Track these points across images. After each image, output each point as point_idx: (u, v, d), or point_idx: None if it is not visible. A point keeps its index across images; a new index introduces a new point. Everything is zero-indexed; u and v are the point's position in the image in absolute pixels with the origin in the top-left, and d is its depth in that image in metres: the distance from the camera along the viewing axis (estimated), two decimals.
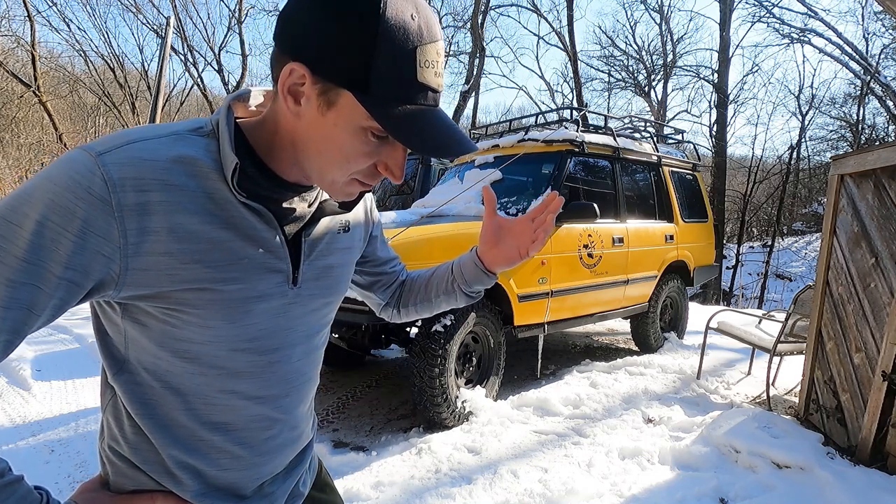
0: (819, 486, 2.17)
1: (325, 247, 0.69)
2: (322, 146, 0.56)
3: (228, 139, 0.56)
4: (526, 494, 2.15)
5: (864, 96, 15.21)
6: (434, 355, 2.70)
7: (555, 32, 17.38)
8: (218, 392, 0.62)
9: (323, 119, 0.54)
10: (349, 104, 0.53)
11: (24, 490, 0.50)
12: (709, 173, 13.22)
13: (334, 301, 0.73)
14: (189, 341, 0.58)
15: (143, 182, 0.50)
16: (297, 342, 0.67)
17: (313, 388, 0.76)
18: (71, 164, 0.49)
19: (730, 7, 13.29)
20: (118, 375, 0.60)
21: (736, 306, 11.62)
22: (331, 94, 0.53)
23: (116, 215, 0.49)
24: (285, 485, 0.72)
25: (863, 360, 2.48)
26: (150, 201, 0.51)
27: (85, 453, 2.50)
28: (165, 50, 7.52)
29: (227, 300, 0.57)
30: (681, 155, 4.99)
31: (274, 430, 0.68)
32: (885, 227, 2.42)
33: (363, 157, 0.56)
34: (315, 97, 0.54)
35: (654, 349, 4.44)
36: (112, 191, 0.48)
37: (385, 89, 0.52)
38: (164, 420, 0.61)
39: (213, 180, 0.55)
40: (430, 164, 5.71)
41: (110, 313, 0.58)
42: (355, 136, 0.54)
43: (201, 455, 0.63)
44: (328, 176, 0.58)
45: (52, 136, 15.25)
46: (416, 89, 0.53)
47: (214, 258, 0.55)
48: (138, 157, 0.51)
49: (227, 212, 0.56)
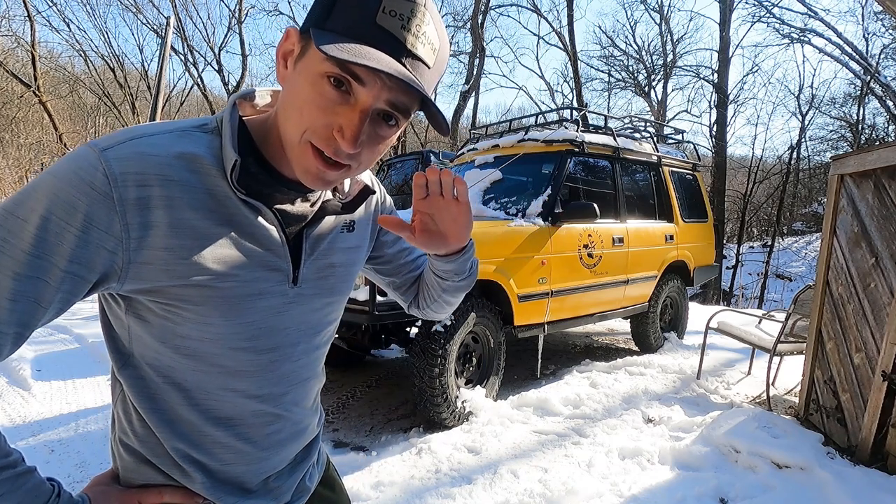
0: (819, 486, 2.17)
1: (327, 246, 0.68)
2: (288, 101, 0.55)
3: (231, 136, 0.56)
4: (526, 494, 2.15)
5: (864, 96, 15.20)
6: (434, 355, 2.70)
7: (555, 32, 17.38)
8: (219, 389, 0.62)
9: (294, 72, 0.54)
10: (313, 50, 0.52)
11: (36, 481, 0.51)
12: (709, 173, 13.23)
13: (337, 300, 0.72)
14: (188, 338, 0.58)
15: (144, 177, 0.51)
16: (298, 341, 0.67)
17: (317, 385, 0.75)
18: (75, 160, 0.50)
19: (730, 7, 13.29)
20: (123, 370, 0.61)
21: (736, 306, 11.62)
22: (306, 45, 0.53)
23: (118, 209, 0.49)
24: (291, 479, 0.73)
25: (863, 360, 2.48)
26: (151, 196, 0.51)
27: (85, 453, 2.50)
28: (165, 50, 7.52)
29: (225, 297, 0.57)
30: (681, 155, 4.98)
31: (277, 425, 0.68)
32: (885, 227, 2.42)
33: (316, 110, 0.52)
34: (297, 55, 0.54)
35: (654, 349, 4.44)
36: (114, 185, 0.49)
37: (340, 25, 0.51)
38: (167, 414, 0.61)
39: (214, 177, 0.55)
40: (430, 164, 5.71)
41: (115, 308, 0.59)
42: (312, 86, 0.52)
43: (204, 449, 0.63)
44: (288, 135, 0.55)
45: (52, 136, 15.26)
46: (372, 31, 0.50)
47: (213, 255, 0.56)
48: (140, 153, 0.51)
49: (227, 209, 0.56)
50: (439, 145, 18.30)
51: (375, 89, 0.52)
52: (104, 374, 3.66)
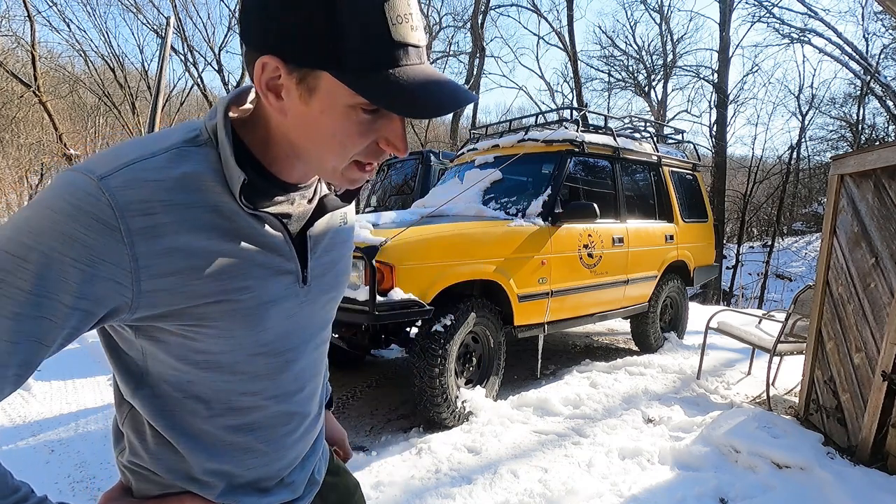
0: (819, 486, 2.17)
1: (328, 242, 0.69)
2: (315, 137, 0.53)
3: (230, 152, 0.54)
4: (526, 494, 2.15)
5: (864, 96, 15.21)
6: (434, 355, 2.70)
7: (555, 32, 17.38)
8: (239, 395, 0.62)
9: (308, 109, 0.51)
10: (329, 85, 0.49)
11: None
12: (709, 173, 13.23)
13: (338, 296, 0.74)
14: (208, 352, 0.57)
15: (149, 205, 0.49)
16: (310, 338, 0.68)
17: (322, 380, 0.78)
18: (72, 191, 0.46)
19: (730, 7, 13.29)
20: (138, 390, 0.59)
21: (736, 306, 11.62)
22: (309, 79, 0.50)
23: (126, 241, 0.47)
24: (303, 473, 0.74)
25: (863, 360, 2.48)
26: (157, 224, 0.49)
27: (85, 453, 2.50)
28: (165, 50, 7.51)
29: (244, 308, 0.57)
30: (681, 155, 4.98)
31: (292, 423, 0.69)
32: (885, 227, 2.42)
33: (359, 138, 0.53)
34: (294, 87, 0.50)
35: (654, 349, 4.44)
36: (120, 216, 0.47)
37: (361, 59, 0.48)
38: (188, 429, 0.61)
39: (217, 193, 0.54)
40: (430, 164, 5.72)
41: (123, 333, 0.57)
42: (345, 118, 0.51)
43: (228, 457, 0.63)
44: (328, 165, 0.55)
45: (52, 136, 15.25)
46: (394, 49, 0.49)
47: (226, 270, 0.55)
48: (142, 179, 0.49)
49: (234, 223, 0.56)
50: (439, 145, 18.31)
51: None
52: (104, 374, 3.66)
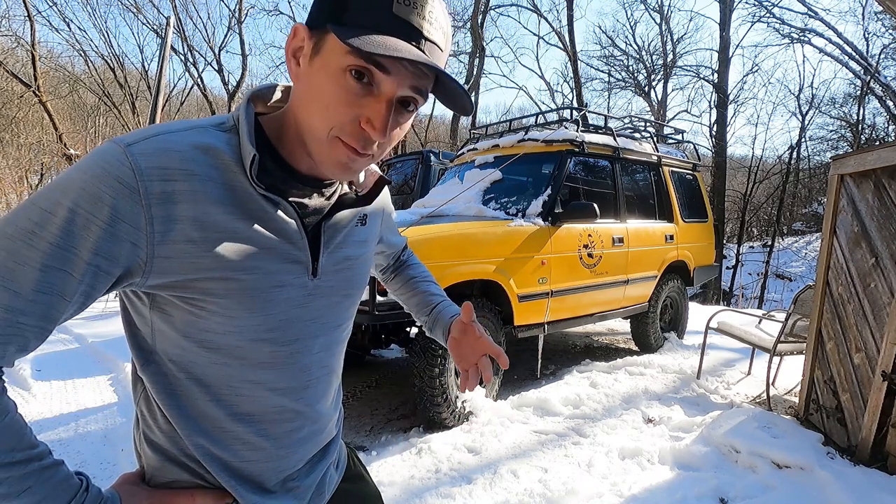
0: (819, 486, 2.17)
1: (343, 239, 0.69)
2: (307, 98, 0.56)
3: (247, 132, 0.57)
4: (526, 494, 2.15)
5: (864, 96, 15.20)
6: (434, 355, 2.70)
7: (555, 32, 17.37)
8: (241, 382, 0.63)
9: (310, 68, 0.55)
10: (331, 45, 0.53)
11: (63, 474, 0.52)
12: (709, 173, 13.23)
13: (355, 294, 0.73)
14: (211, 331, 0.59)
15: (168, 171, 0.52)
16: (318, 333, 0.68)
17: (335, 382, 0.76)
18: (102, 155, 0.51)
19: (730, 7, 13.29)
20: (146, 367, 0.62)
21: (736, 306, 11.62)
22: (319, 40, 0.54)
23: (144, 203, 0.51)
24: (309, 479, 0.73)
25: (863, 360, 2.48)
26: (175, 190, 0.52)
27: (85, 453, 2.51)
28: (165, 50, 7.52)
29: (248, 289, 0.59)
30: (681, 155, 4.98)
31: (296, 422, 0.69)
32: (885, 227, 2.42)
33: (342, 106, 0.54)
34: (310, 52, 0.55)
35: (654, 349, 4.44)
36: (140, 180, 0.50)
37: (359, 19, 0.52)
38: (189, 410, 0.62)
39: (234, 172, 0.57)
40: (430, 164, 5.71)
41: (138, 305, 0.60)
42: (335, 81, 0.54)
43: (224, 445, 0.64)
44: (315, 133, 0.57)
45: (52, 136, 15.25)
46: (390, 20, 0.52)
47: (236, 248, 0.57)
48: (164, 148, 0.53)
49: (247, 203, 0.58)
50: (439, 145, 18.31)
51: (399, 77, 0.54)
52: (104, 374, 3.66)
